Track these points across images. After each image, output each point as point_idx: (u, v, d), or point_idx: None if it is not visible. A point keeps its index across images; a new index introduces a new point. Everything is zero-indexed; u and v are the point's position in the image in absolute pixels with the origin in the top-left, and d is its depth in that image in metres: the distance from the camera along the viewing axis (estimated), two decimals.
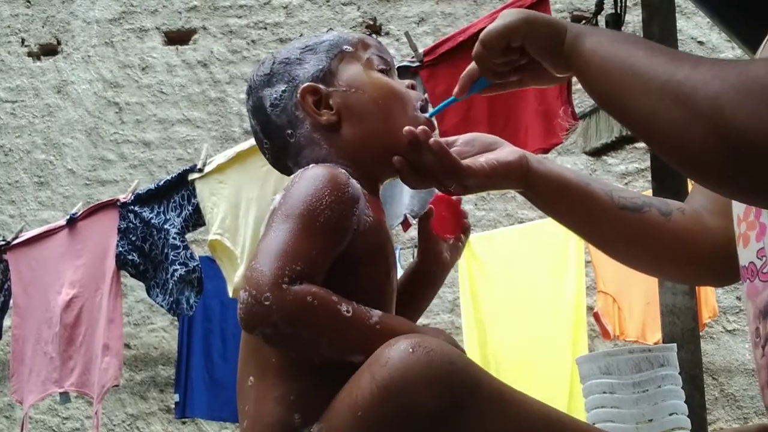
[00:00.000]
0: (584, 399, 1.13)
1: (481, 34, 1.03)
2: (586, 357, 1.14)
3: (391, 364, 0.83)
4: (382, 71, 1.15)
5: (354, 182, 1.02)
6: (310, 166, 1.03)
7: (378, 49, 1.17)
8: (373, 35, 1.18)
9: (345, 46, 1.15)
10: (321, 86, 1.12)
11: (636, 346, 1.09)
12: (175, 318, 4.22)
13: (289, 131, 1.13)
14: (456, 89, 1.09)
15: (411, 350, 0.83)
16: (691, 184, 2.92)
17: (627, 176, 4.85)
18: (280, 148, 1.14)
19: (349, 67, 1.14)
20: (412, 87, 1.17)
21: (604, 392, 1.08)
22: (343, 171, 1.02)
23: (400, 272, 1.21)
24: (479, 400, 0.84)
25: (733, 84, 0.76)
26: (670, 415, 1.08)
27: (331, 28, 1.18)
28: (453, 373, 0.83)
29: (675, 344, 1.14)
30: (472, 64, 1.06)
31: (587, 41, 0.94)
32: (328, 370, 0.94)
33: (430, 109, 1.17)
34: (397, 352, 0.84)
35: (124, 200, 3.46)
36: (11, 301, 3.86)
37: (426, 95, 1.23)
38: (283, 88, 1.13)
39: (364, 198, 1.03)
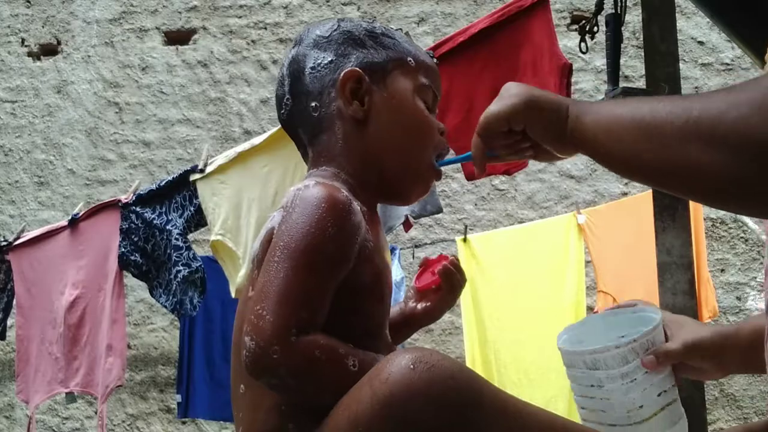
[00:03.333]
0: (570, 382, 1.12)
1: (484, 115, 1.00)
2: (569, 350, 1.10)
3: (392, 380, 0.82)
4: (425, 103, 1.12)
5: (355, 207, 0.98)
6: (311, 184, 0.99)
7: (435, 83, 1.15)
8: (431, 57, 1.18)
9: (409, 59, 1.12)
10: (367, 78, 1.09)
11: (622, 340, 1.06)
12: (176, 318, 4.22)
13: (315, 104, 1.10)
14: (475, 170, 1.05)
15: (412, 366, 0.82)
16: None
17: None
18: (300, 112, 1.12)
19: (403, 79, 1.11)
20: (442, 132, 1.14)
21: (592, 386, 1.07)
22: (345, 194, 0.98)
23: (400, 270, 1.22)
24: (482, 414, 0.82)
25: (751, 105, 0.72)
26: (659, 395, 1.07)
27: (401, 29, 1.14)
28: (454, 389, 0.81)
29: (659, 318, 1.10)
30: (478, 139, 1.03)
31: (587, 118, 0.91)
32: None
33: (449, 156, 1.15)
34: (398, 368, 0.82)
35: (126, 201, 3.46)
36: (14, 302, 3.87)
37: (448, 148, 1.20)
38: (331, 59, 1.10)
39: (364, 220, 1.00)
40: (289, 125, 1.15)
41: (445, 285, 1.18)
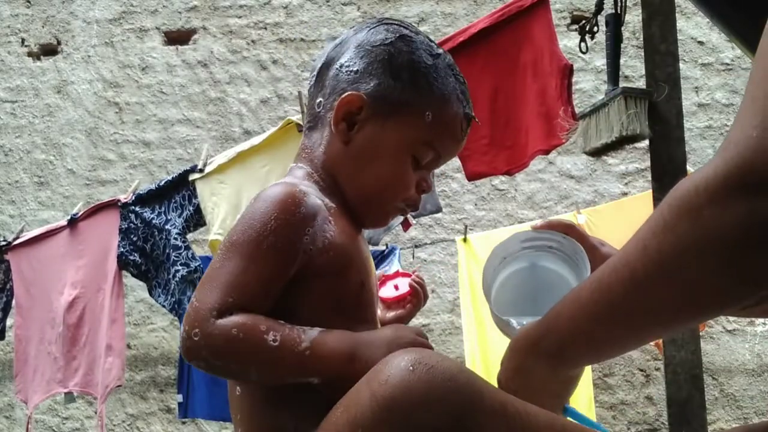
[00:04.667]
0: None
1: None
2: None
3: (391, 382, 0.81)
4: (417, 160, 1.09)
5: (312, 200, 1.01)
6: (271, 184, 1.03)
7: (446, 149, 1.11)
8: (467, 120, 1.10)
9: (428, 113, 1.07)
10: (369, 109, 1.06)
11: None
12: (176, 318, 4.22)
13: (320, 101, 1.11)
14: None
15: (411, 368, 0.82)
16: None
17: (627, 176, 4.85)
18: (312, 95, 1.14)
19: (403, 129, 1.07)
20: (423, 191, 1.12)
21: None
22: (302, 189, 1.01)
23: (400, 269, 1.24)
24: (482, 415, 0.82)
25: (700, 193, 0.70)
26: None
27: (454, 73, 1.06)
28: (454, 389, 0.81)
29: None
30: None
31: (573, 356, 0.89)
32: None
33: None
34: (397, 369, 0.82)
35: (125, 200, 3.46)
36: (13, 302, 3.87)
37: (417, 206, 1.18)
38: (357, 69, 1.08)
39: (326, 213, 1.02)
40: (308, 104, 1.18)
41: (415, 297, 1.31)
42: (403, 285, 1.33)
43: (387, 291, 1.34)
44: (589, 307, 0.83)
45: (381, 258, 3.91)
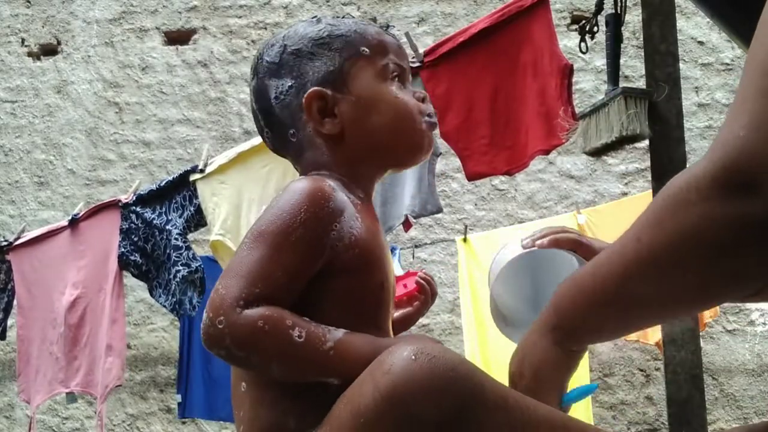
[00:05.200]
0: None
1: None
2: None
3: (393, 372, 0.82)
4: (394, 78, 1.12)
5: (340, 195, 1.01)
6: (298, 178, 1.03)
7: (396, 54, 1.13)
8: (388, 30, 1.16)
9: (362, 48, 1.11)
10: (328, 92, 1.08)
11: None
12: (176, 318, 4.22)
13: (292, 131, 1.11)
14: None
15: (413, 358, 0.82)
16: None
17: (627, 176, 4.85)
18: (281, 141, 1.14)
19: (362, 74, 1.10)
20: (423, 99, 1.14)
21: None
22: (331, 183, 1.01)
23: (400, 270, 1.24)
24: (483, 407, 0.83)
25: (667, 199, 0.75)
26: None
27: (345, 15, 1.14)
28: (456, 380, 0.82)
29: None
30: None
31: (573, 333, 0.90)
32: None
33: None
34: (399, 360, 0.83)
35: (126, 201, 3.46)
36: (15, 302, 3.87)
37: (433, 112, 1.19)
38: (290, 84, 1.10)
39: (353, 209, 1.02)
40: (277, 152, 1.18)
41: (423, 294, 1.31)
42: (411, 283, 1.34)
43: (397, 290, 1.35)
44: (587, 292, 0.86)
45: None
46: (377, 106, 1.09)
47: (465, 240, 3.95)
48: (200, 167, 3.25)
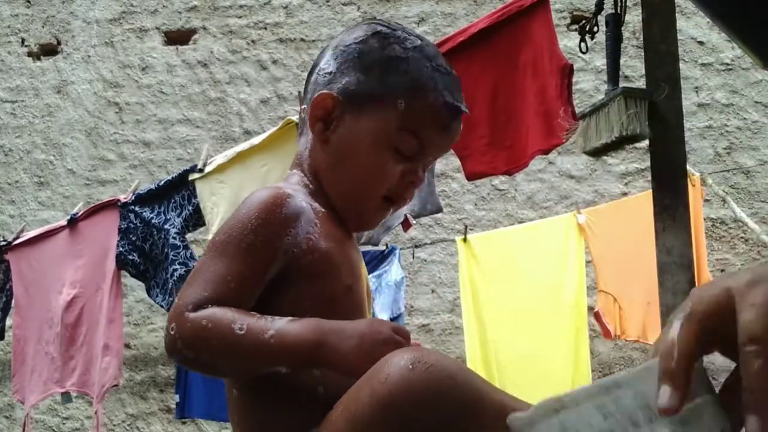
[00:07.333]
0: None
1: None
2: None
3: (390, 380, 0.81)
4: (398, 149, 1.07)
5: (296, 202, 1.01)
6: (258, 189, 1.04)
7: (426, 130, 1.07)
8: (455, 113, 1.05)
9: (401, 101, 1.05)
10: (341, 106, 1.06)
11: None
12: None
13: (305, 106, 1.13)
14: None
15: (411, 366, 0.81)
16: (691, 185, 2.92)
17: (627, 176, 4.85)
18: (300, 105, 1.16)
19: (376, 120, 1.06)
20: (411, 182, 1.09)
21: None
22: (288, 191, 1.02)
23: (400, 270, 1.22)
24: (481, 415, 0.82)
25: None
26: None
27: (435, 53, 1.10)
28: (454, 388, 0.81)
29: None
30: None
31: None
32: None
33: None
34: (396, 368, 0.82)
35: (125, 200, 3.46)
36: (13, 302, 3.86)
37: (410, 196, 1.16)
38: (332, 70, 1.09)
39: (312, 215, 1.02)
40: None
41: None
42: None
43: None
44: None
45: (381, 258, 3.91)
46: (361, 157, 1.07)
47: (465, 240, 3.95)
48: (199, 167, 3.25)
